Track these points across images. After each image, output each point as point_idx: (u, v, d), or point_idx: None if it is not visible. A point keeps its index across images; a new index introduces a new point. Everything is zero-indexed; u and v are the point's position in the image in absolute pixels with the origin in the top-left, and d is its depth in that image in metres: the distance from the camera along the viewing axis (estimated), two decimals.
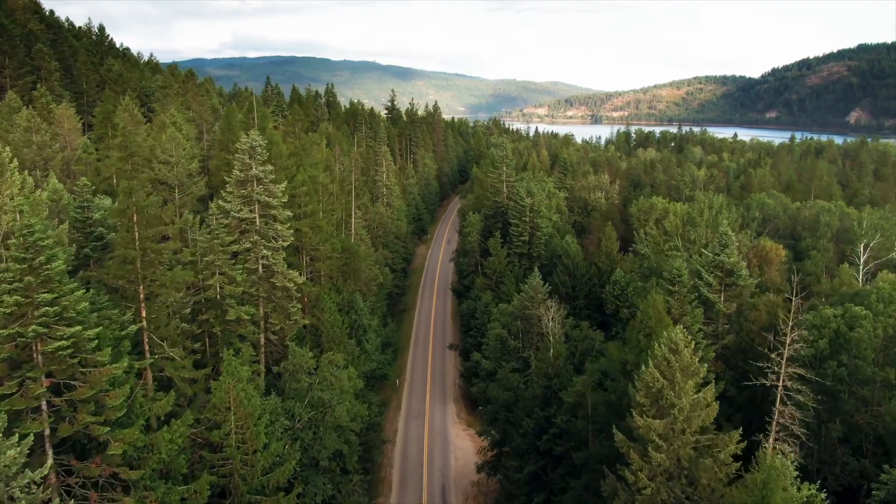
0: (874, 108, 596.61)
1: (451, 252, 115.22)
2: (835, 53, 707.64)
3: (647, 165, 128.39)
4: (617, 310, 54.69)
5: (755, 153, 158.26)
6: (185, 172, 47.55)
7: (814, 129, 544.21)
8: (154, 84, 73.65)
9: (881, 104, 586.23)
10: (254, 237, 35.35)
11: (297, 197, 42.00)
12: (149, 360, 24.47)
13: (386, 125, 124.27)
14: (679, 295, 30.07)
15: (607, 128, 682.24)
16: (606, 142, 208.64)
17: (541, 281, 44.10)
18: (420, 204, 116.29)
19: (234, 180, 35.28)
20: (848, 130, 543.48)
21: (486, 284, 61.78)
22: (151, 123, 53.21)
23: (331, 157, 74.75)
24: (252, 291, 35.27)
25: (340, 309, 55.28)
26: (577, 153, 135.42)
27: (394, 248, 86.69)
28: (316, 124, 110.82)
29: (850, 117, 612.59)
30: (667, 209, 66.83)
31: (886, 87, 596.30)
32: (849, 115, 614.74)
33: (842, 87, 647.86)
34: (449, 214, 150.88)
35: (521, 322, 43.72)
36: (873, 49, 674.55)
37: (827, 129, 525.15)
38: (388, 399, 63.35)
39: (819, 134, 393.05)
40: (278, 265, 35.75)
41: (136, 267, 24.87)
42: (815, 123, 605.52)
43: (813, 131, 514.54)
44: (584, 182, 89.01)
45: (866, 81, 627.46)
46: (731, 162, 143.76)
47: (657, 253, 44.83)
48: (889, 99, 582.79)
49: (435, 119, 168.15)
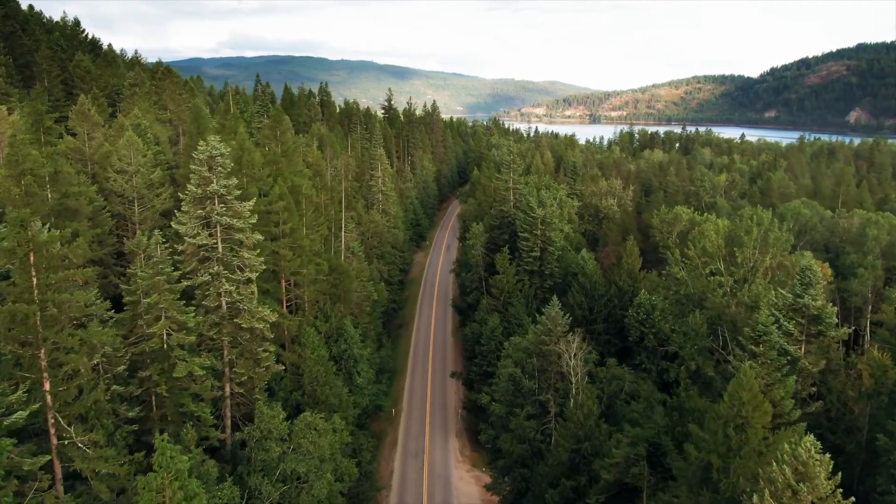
0: (874, 108, 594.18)
1: (451, 260, 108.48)
2: (834, 53, 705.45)
3: (657, 168, 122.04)
4: (642, 337, 48.12)
5: (768, 155, 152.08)
6: (146, 183, 40.75)
7: (813, 128, 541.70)
8: (125, 81, 66.62)
9: (881, 104, 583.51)
10: (214, 268, 28.61)
11: (273, 214, 35.30)
12: (43, 459, 17.66)
13: (382, 126, 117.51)
14: (765, 359, 23.26)
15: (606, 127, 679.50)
16: (609, 142, 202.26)
17: (560, 311, 37.53)
18: (418, 209, 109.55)
19: (189, 197, 28.52)
20: (848, 130, 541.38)
21: (492, 306, 55.15)
22: (111, 126, 46.37)
23: (322, 161, 68.10)
24: (212, 335, 28.54)
25: (329, 337, 48.65)
26: (583, 155, 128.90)
27: (389, 260, 79.96)
28: (308, 125, 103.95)
29: (849, 117, 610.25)
30: (692, 220, 60.26)
31: (886, 87, 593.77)
32: (848, 114, 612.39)
33: (841, 86, 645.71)
34: (448, 218, 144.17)
35: (538, 359, 37.21)
36: (872, 48, 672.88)
37: (827, 129, 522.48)
38: (382, 432, 56.68)
39: (819, 134, 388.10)
40: (245, 301, 29.00)
41: (35, 325, 18.14)
42: (814, 123, 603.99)
43: (813, 131, 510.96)
44: (594, 187, 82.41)
45: (866, 81, 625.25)
46: (742, 164, 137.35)
47: (695, 276, 38.39)
48: (889, 98, 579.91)
49: (433, 119, 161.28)
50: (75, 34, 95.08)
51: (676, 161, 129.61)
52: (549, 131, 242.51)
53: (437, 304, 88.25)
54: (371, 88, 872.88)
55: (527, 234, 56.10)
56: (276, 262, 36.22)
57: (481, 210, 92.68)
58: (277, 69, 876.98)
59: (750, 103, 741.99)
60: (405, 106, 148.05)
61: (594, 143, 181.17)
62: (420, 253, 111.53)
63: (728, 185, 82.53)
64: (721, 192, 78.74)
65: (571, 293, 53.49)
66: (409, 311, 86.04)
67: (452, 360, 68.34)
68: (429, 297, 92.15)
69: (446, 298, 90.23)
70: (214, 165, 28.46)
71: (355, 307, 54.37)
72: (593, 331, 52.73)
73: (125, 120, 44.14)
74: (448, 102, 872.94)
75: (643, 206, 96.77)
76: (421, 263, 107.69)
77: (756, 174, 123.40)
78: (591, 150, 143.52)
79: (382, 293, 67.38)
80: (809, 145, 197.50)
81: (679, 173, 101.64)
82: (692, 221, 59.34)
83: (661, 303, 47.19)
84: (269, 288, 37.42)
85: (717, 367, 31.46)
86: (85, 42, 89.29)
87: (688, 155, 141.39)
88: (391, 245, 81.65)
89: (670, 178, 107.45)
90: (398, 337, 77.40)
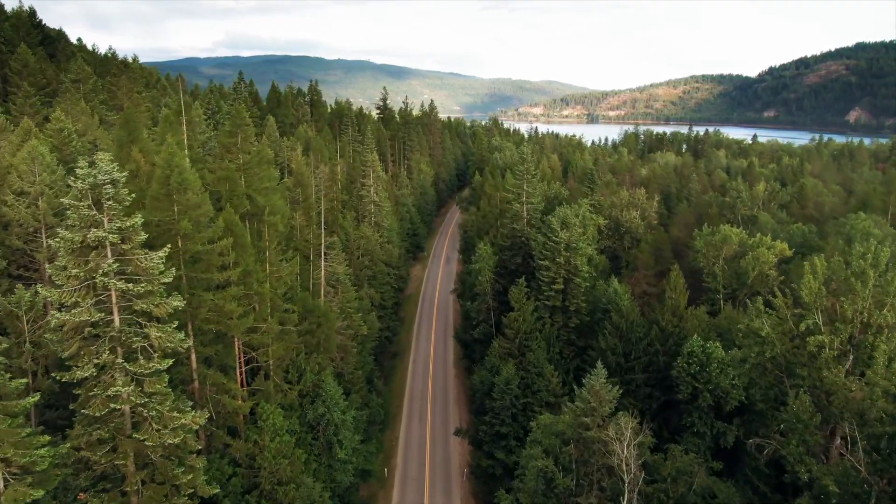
0: (874, 108, 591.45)
1: (451, 273, 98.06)
2: (833, 52, 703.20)
3: (673, 173, 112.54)
4: (695, 394, 38.44)
5: (792, 158, 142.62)
6: (54, 209, 30.67)
7: (813, 128, 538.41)
8: (67, 77, 56.24)
9: (881, 103, 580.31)
10: (104, 355, 18.59)
11: (212, 256, 25.32)
12: None
13: (376, 127, 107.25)
14: None
15: (605, 127, 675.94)
16: (613, 144, 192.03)
17: (607, 384, 27.71)
18: (415, 217, 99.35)
19: (64, 246, 18.48)
20: (848, 130, 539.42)
21: (505, 350, 45.18)
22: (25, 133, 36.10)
23: (307, 168, 58.07)
24: (100, 460, 18.48)
25: (304, 396, 38.71)
26: (592, 158, 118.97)
27: (383, 281, 69.79)
28: (296, 126, 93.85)
29: (849, 116, 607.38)
30: (743, 242, 50.50)
31: (886, 86, 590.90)
32: (848, 114, 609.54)
33: (840, 85, 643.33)
34: (448, 225, 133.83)
35: (576, 448, 27.52)
36: (871, 48, 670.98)
37: (827, 129, 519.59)
38: (372, 498, 46.78)
39: (819, 133, 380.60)
40: (153, 404, 18.97)
41: None
42: (813, 123, 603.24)
43: (813, 130, 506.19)
44: (614, 198, 72.53)
45: (865, 80, 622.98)
46: (762, 168, 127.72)
47: (781, 333, 28.72)
48: (889, 98, 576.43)
49: (431, 119, 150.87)
50: (26, 23, 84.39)
51: (692, 165, 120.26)
52: (549, 131, 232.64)
53: (437, 329, 78.29)
54: (368, 88, 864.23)
55: (547, 261, 46.09)
56: (222, 319, 26.25)
57: (486, 223, 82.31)
58: (273, 69, 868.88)
59: (749, 103, 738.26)
60: (401, 105, 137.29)
61: (599, 144, 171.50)
62: (417, 265, 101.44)
63: (768, 196, 72.75)
64: (759, 204, 69.06)
65: (603, 335, 43.60)
66: (404, 338, 75.96)
67: (456, 407, 58.26)
68: (427, 319, 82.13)
69: (447, 322, 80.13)
70: (103, 198, 18.41)
71: (338, 353, 44.47)
72: (630, 381, 42.90)
73: (31, 124, 33.88)
74: (445, 102, 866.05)
75: (665, 217, 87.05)
76: (418, 278, 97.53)
77: (779, 178, 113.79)
78: (599, 152, 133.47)
79: (374, 325, 57.34)
80: (825, 146, 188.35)
81: (691, 176, 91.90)
82: (743, 244, 49.64)
83: (716, 349, 37.49)
84: (213, 353, 27.38)
85: (840, 481, 21.76)
86: (37, 33, 78.62)
87: (702, 158, 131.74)
88: (385, 262, 71.53)
89: (693, 186, 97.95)
90: (392, 370, 67.37)
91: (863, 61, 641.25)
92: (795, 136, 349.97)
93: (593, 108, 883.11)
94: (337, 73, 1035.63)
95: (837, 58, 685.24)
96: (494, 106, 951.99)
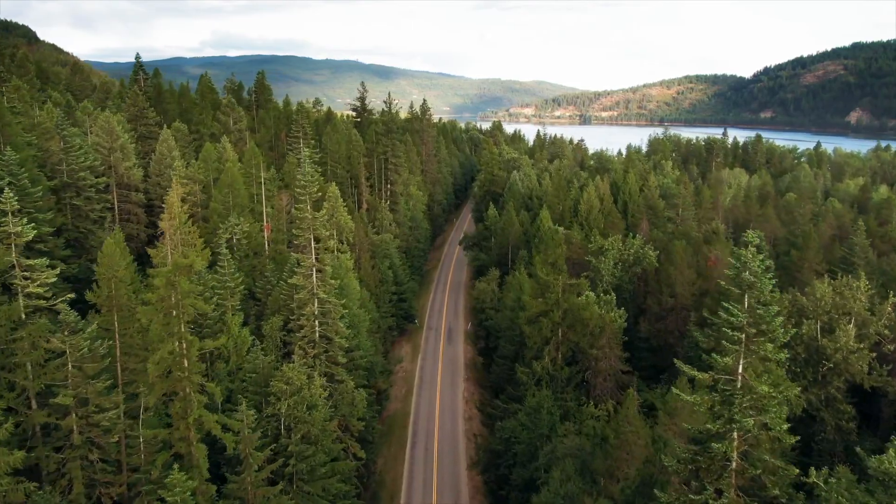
0: (875, 108, 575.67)
1: (456, 364, 61.94)
2: (829, 52, 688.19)
3: (753, 200, 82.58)
4: None
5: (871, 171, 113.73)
6: None
7: (812, 129, 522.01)
8: None
9: (882, 103, 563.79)
10: None
11: None
12: None
13: (345, 138, 75.00)
14: None
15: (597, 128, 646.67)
16: (645, 151, 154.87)
17: None
18: (401, 273, 67.32)
19: None
20: (849, 131, 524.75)
21: None
22: None
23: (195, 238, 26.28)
24: None
25: None
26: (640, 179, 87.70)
27: (321, 474, 37.82)
28: (218, 137, 61.61)
29: (850, 117, 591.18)
30: None
31: (886, 87, 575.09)
32: (849, 114, 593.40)
33: (839, 86, 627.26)
34: (446, 263, 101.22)
35: None
36: (869, 47, 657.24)
37: (827, 130, 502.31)
38: None
39: (820, 134, 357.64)
40: None
41: None
42: (813, 124, 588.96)
43: (812, 132, 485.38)
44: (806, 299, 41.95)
45: (864, 80, 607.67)
46: (854, 188, 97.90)
47: None
48: (890, 98, 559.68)
49: (424, 125, 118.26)
50: None
51: (770, 184, 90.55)
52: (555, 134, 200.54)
53: None
54: (355, 88, 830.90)
55: None
56: None
57: (519, 310, 48.86)
58: (261, 68, 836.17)
59: (744, 103, 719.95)
60: (383, 107, 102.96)
61: (632, 149, 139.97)
62: (406, 345, 68.65)
63: None
64: None
65: None
66: None
67: None
68: None
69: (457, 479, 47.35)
70: None
71: None
72: None
73: None
74: (434, 102, 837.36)
75: None
76: (406, 375, 62.10)
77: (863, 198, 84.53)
78: (639, 167, 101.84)
79: None
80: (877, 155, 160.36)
81: (826, 220, 61.42)
82: None
83: None
84: None
85: None
86: None
87: (780, 176, 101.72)
88: (322, 423, 39.76)
89: (802, 224, 67.91)
90: None
91: (861, 61, 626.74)
92: (797, 137, 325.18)
93: (585, 108, 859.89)
94: (324, 73, 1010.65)
95: (834, 58, 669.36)
96: (484, 107, 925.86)
